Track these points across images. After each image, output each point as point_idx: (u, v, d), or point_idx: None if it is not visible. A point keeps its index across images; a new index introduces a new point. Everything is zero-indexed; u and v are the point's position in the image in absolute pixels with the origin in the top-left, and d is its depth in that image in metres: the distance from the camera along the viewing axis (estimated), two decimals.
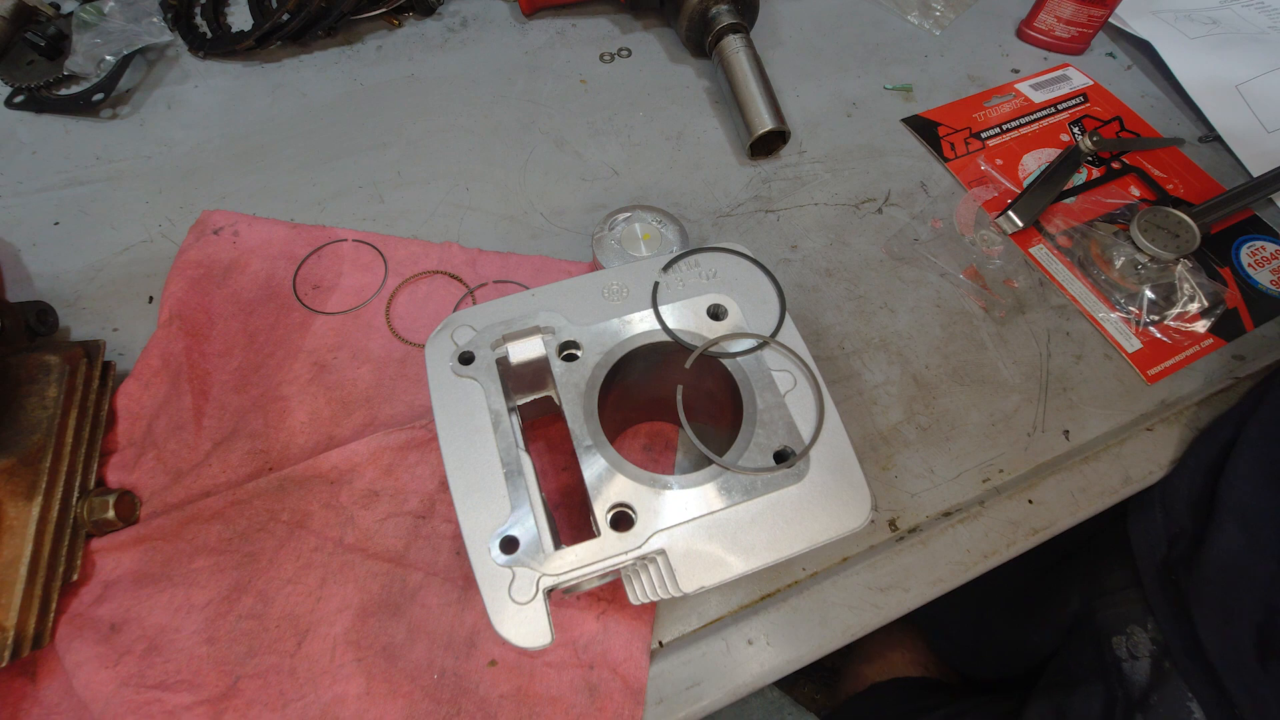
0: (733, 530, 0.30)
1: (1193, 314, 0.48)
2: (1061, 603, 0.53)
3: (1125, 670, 0.45)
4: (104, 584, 0.37)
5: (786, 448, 0.32)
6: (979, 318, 0.48)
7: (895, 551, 0.40)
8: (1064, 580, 0.54)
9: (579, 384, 0.33)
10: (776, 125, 0.53)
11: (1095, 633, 0.48)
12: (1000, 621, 0.60)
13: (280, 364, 0.44)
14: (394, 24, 0.64)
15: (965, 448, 0.43)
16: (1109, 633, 0.47)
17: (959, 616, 0.64)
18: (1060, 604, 0.53)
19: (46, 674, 0.36)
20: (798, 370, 0.34)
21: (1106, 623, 0.48)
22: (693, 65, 0.62)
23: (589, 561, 0.29)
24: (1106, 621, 0.48)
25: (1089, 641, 0.48)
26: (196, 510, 0.39)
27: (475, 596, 0.37)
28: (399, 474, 0.40)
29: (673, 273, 0.37)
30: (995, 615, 0.61)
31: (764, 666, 0.37)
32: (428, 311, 0.47)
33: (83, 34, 0.57)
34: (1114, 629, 0.47)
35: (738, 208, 0.53)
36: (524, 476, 0.31)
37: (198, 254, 0.48)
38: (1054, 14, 0.63)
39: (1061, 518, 0.41)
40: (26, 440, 0.37)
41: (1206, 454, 0.43)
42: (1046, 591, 0.55)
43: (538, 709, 0.35)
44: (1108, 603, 0.48)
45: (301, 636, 0.36)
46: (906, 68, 0.63)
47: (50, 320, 0.44)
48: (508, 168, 0.55)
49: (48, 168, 0.54)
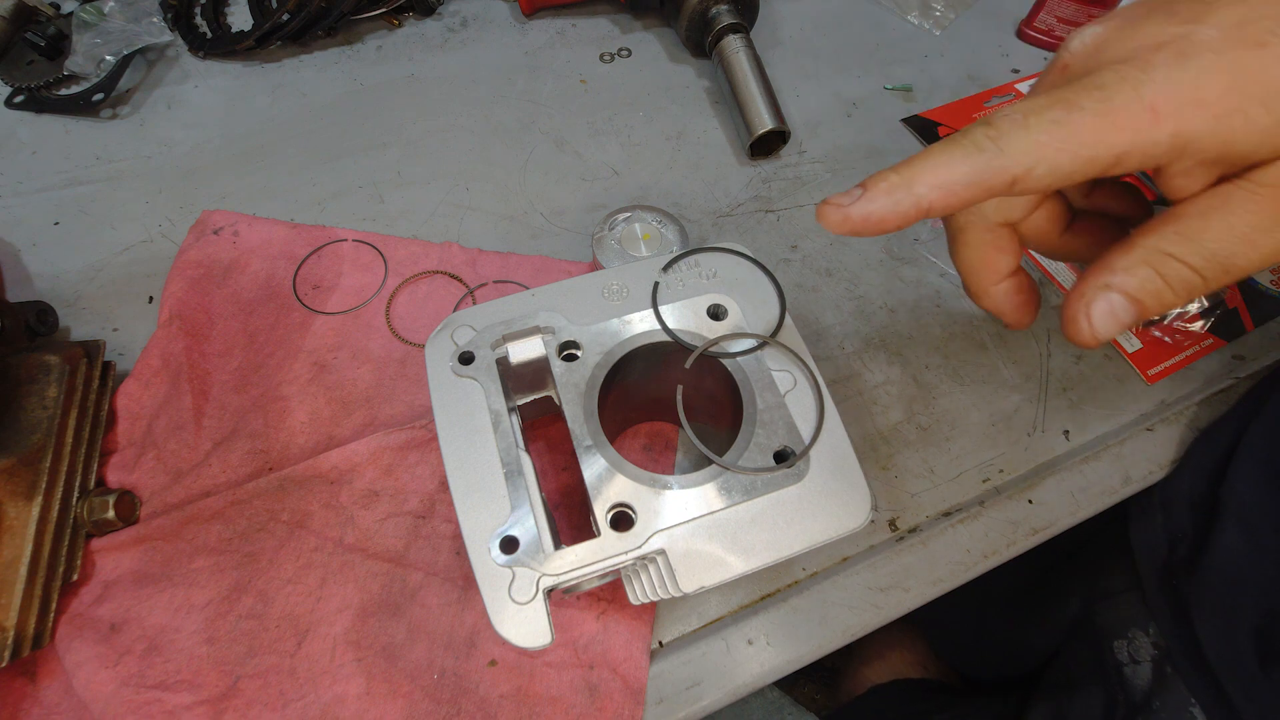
0: (733, 530, 0.30)
1: (1193, 314, 0.48)
2: (1062, 604, 0.53)
3: (1126, 674, 0.45)
4: (104, 584, 0.37)
5: (786, 448, 0.32)
6: (979, 318, 0.48)
7: (895, 551, 0.40)
8: (1064, 581, 0.54)
9: (579, 384, 0.33)
10: (776, 125, 0.53)
11: (1096, 636, 0.48)
12: (1001, 622, 0.60)
13: (280, 364, 0.44)
14: (394, 24, 0.64)
15: (965, 448, 0.43)
16: (1110, 636, 0.47)
17: (959, 616, 0.64)
18: (1061, 605, 0.53)
19: (46, 674, 0.36)
20: (798, 370, 0.34)
21: (1107, 626, 0.47)
22: (693, 65, 0.62)
23: (589, 561, 0.29)
24: (1107, 625, 0.47)
25: (1089, 644, 0.48)
26: (196, 510, 0.39)
27: (475, 596, 0.37)
28: (399, 474, 0.40)
29: (673, 273, 0.37)
30: (996, 615, 0.61)
31: (764, 666, 0.37)
32: (428, 311, 0.47)
33: (83, 34, 0.57)
34: (1115, 632, 0.47)
35: (738, 208, 0.53)
36: (524, 476, 0.31)
37: (198, 254, 0.48)
38: (1054, 14, 0.63)
39: (1061, 518, 0.41)
40: (26, 440, 0.37)
41: (1207, 456, 0.42)
42: (1047, 592, 0.55)
43: (538, 709, 0.35)
44: (1108, 605, 0.48)
45: (301, 636, 0.36)
46: (906, 68, 0.63)
47: (50, 320, 0.44)
48: (508, 168, 0.55)
49: (48, 168, 0.54)
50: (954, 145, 0.23)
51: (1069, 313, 0.25)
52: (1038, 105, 0.22)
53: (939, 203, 0.23)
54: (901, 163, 0.24)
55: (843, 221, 0.25)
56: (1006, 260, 0.29)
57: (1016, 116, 0.22)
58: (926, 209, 0.24)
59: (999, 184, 0.23)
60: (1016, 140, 0.22)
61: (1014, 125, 0.22)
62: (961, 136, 0.23)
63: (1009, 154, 0.22)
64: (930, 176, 0.23)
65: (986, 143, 0.23)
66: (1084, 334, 0.24)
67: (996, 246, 0.29)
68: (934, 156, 0.23)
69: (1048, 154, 0.22)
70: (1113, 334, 0.24)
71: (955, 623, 0.65)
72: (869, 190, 0.24)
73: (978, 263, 0.29)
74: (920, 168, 0.24)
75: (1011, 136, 0.22)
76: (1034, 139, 0.22)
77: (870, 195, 0.24)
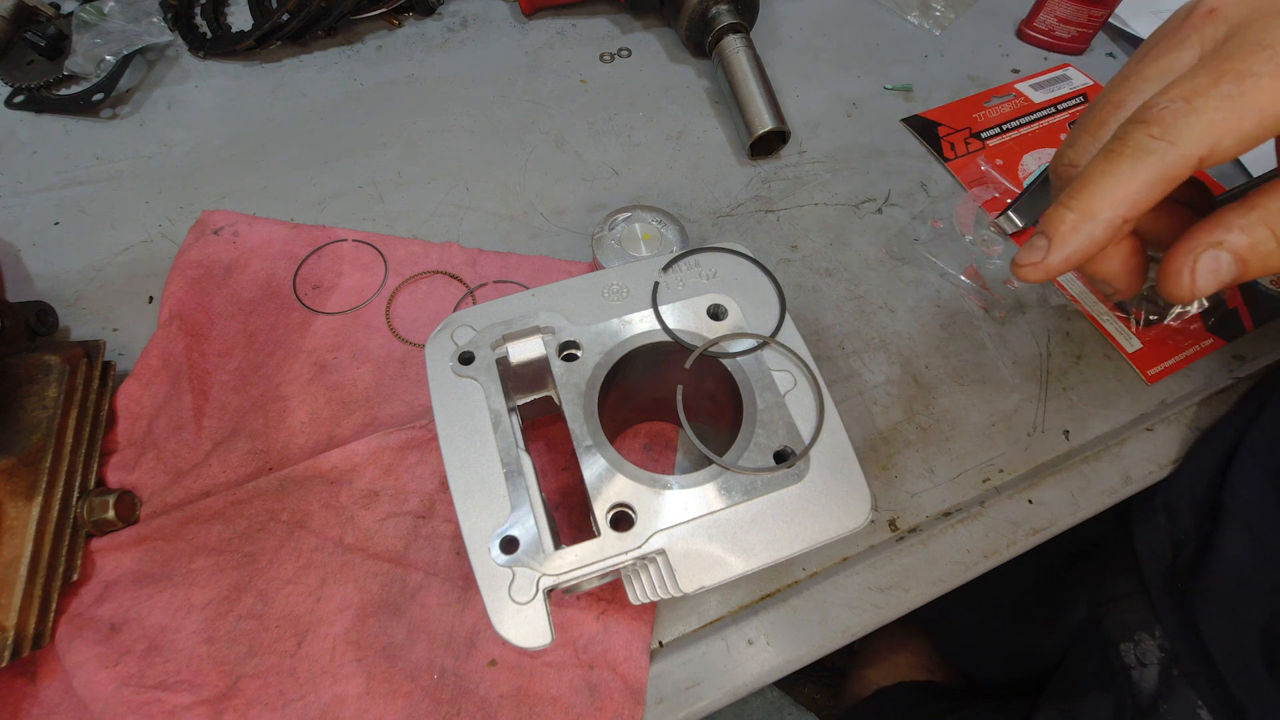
0: (733, 530, 0.30)
1: (1193, 314, 0.48)
2: (1068, 608, 0.52)
3: (1134, 678, 0.45)
4: (104, 584, 0.37)
5: (786, 448, 0.32)
6: (979, 318, 0.48)
7: (895, 551, 0.40)
8: (1071, 585, 0.53)
9: (579, 384, 0.33)
10: (776, 125, 0.53)
11: (1102, 639, 0.48)
12: (1007, 625, 0.60)
13: (280, 364, 0.44)
14: (394, 24, 0.64)
15: (965, 448, 0.43)
16: (1116, 640, 0.47)
17: (966, 619, 0.64)
18: (1067, 609, 0.52)
19: (46, 674, 0.36)
20: (798, 370, 0.34)
21: (1114, 629, 0.47)
22: (693, 65, 0.62)
23: (589, 561, 0.29)
24: (1114, 628, 0.47)
25: (1096, 648, 0.48)
26: (196, 510, 0.39)
27: (475, 596, 0.37)
28: (399, 474, 0.40)
29: (673, 273, 0.37)
30: (1002, 618, 0.61)
31: (764, 666, 0.37)
32: (428, 311, 0.47)
33: (83, 34, 0.57)
34: (1121, 636, 0.46)
35: (738, 208, 0.53)
36: (524, 476, 0.31)
37: (198, 254, 0.48)
38: (1054, 14, 0.63)
39: (1061, 518, 0.41)
40: (26, 440, 0.37)
41: (1208, 458, 0.42)
42: (1053, 596, 0.55)
43: (538, 709, 0.35)
44: (1114, 609, 0.48)
45: (301, 636, 0.36)
46: (906, 68, 0.63)
47: (50, 320, 0.44)
48: (508, 168, 0.55)
49: (48, 168, 0.54)
50: (1118, 157, 0.23)
51: (1173, 266, 0.24)
52: (1201, 85, 0.22)
53: (1131, 216, 0.23)
54: (1068, 194, 0.24)
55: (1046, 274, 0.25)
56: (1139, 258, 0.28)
57: (1178, 104, 0.22)
58: (1120, 228, 0.24)
59: (1183, 174, 0.22)
60: (1189, 127, 0.22)
61: (1179, 114, 0.22)
62: (1120, 146, 0.23)
63: (1185, 143, 0.22)
64: (1109, 198, 0.23)
65: (1152, 143, 0.22)
66: (1184, 288, 0.24)
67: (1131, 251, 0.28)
68: (1103, 178, 0.23)
69: (1230, 127, 0.22)
70: (1211, 290, 0.24)
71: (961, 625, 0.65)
72: (1054, 236, 0.24)
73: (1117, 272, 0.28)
74: (1094, 193, 0.23)
75: (1181, 126, 0.22)
76: (1209, 119, 0.22)
77: (1060, 241, 0.24)
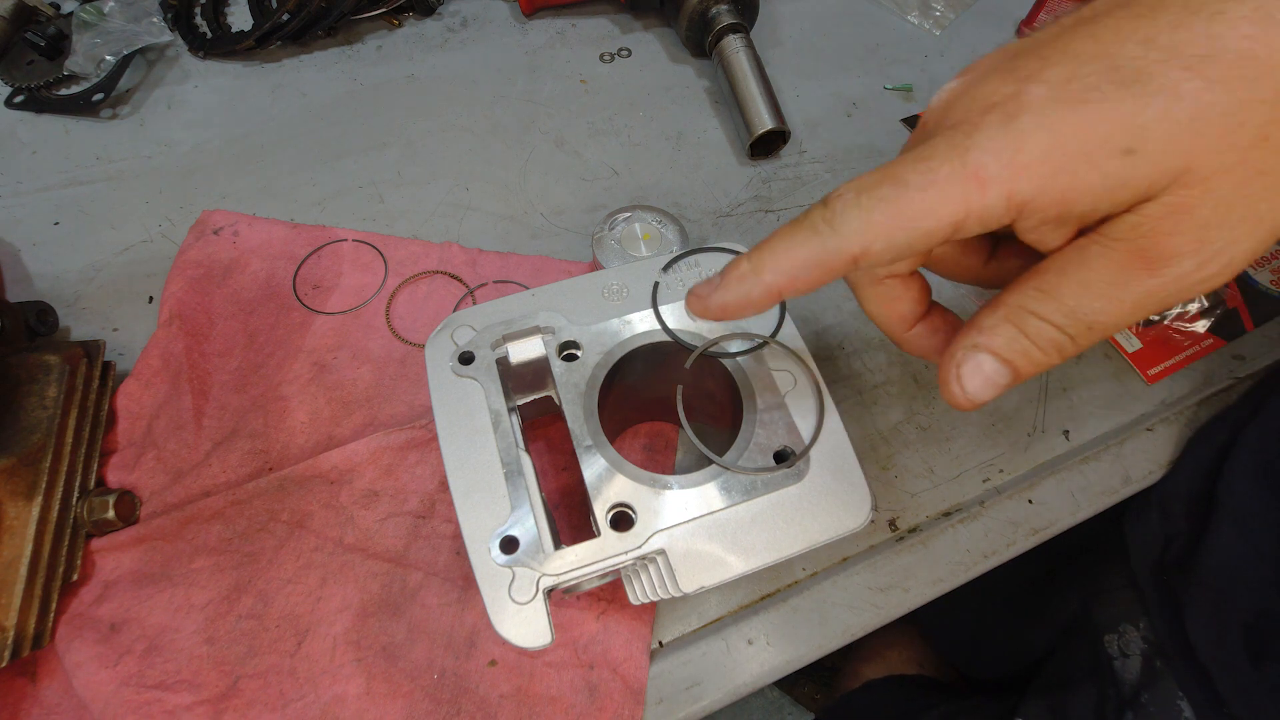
0: (733, 530, 0.30)
1: (1193, 314, 0.48)
2: (1061, 604, 0.53)
3: (1116, 668, 0.45)
4: (104, 584, 0.37)
5: (786, 448, 0.32)
6: None
7: (895, 551, 0.40)
8: (1065, 582, 0.54)
9: (579, 384, 0.33)
10: (776, 125, 0.53)
11: (1090, 632, 0.48)
12: (1001, 620, 0.60)
13: (280, 364, 0.44)
14: (394, 24, 0.64)
15: (965, 448, 0.43)
16: (1102, 631, 0.47)
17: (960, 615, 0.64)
18: (1060, 605, 0.53)
19: (46, 674, 0.36)
20: (798, 370, 0.34)
21: (1100, 621, 0.48)
22: (693, 65, 0.62)
23: (589, 561, 0.29)
24: (1101, 620, 0.48)
25: (1085, 641, 0.49)
26: (196, 510, 0.39)
27: (475, 596, 0.37)
28: (399, 474, 0.40)
29: (673, 273, 0.37)
30: (996, 614, 0.61)
31: (764, 666, 0.37)
32: (428, 311, 0.47)
33: (83, 34, 0.57)
34: (1107, 628, 0.47)
35: (738, 208, 0.53)
36: (524, 476, 0.31)
37: (198, 254, 0.48)
38: (1053, 14, 0.63)
39: (1061, 518, 0.41)
40: (26, 440, 0.37)
41: (1204, 456, 0.43)
42: (1047, 592, 0.55)
43: (538, 709, 0.35)
44: (1103, 602, 0.49)
45: (301, 636, 0.36)
46: (906, 68, 0.63)
47: (50, 320, 0.44)
48: (508, 168, 0.55)
49: (48, 168, 0.54)
50: (796, 228, 0.23)
51: (941, 374, 0.24)
52: (870, 182, 0.22)
53: (787, 288, 0.23)
54: (755, 247, 0.24)
55: (704, 311, 0.25)
56: (909, 307, 0.28)
57: (849, 195, 0.22)
58: (777, 295, 0.23)
59: (839, 265, 0.22)
60: (850, 220, 0.22)
61: (846, 205, 0.22)
62: (803, 218, 0.23)
63: (843, 234, 0.22)
64: (774, 263, 0.23)
65: (822, 225, 0.22)
66: (957, 397, 0.23)
67: (892, 297, 0.28)
68: (779, 241, 0.23)
69: (882, 232, 0.21)
70: (988, 396, 0.23)
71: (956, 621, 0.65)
72: (725, 279, 0.24)
73: (881, 315, 0.29)
74: (767, 254, 0.23)
75: (844, 217, 0.22)
76: (866, 218, 0.21)
77: (725, 285, 0.24)
